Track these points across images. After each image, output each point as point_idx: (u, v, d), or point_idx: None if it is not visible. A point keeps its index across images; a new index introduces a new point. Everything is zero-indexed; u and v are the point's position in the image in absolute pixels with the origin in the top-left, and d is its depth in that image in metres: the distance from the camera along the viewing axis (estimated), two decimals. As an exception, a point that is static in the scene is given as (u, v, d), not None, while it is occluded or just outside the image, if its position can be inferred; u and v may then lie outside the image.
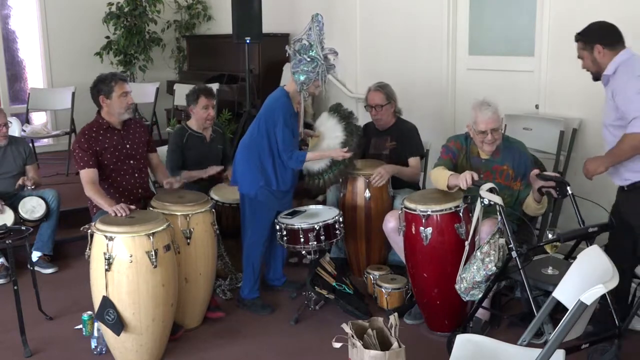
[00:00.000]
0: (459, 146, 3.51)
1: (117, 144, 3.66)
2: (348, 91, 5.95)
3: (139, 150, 3.77)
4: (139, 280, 2.99)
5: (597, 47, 3.00)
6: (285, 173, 3.64)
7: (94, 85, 3.65)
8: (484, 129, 3.33)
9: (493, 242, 2.93)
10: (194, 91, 4.25)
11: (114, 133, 3.67)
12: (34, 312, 3.63)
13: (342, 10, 5.95)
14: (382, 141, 4.26)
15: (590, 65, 3.06)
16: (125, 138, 3.71)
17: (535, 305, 2.69)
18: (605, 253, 2.19)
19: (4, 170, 4.29)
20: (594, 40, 3.01)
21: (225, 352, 3.29)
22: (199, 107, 4.19)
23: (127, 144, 3.71)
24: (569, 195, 3.01)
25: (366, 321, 2.87)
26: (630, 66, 2.93)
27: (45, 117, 7.11)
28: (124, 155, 3.68)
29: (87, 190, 3.50)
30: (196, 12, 7.64)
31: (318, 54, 3.51)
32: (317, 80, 3.56)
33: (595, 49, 3.00)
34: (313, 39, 3.51)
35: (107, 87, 3.60)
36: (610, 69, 2.98)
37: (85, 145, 3.56)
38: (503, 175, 3.40)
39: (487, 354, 2.23)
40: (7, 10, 6.92)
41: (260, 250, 3.74)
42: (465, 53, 4.98)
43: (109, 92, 3.60)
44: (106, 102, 3.62)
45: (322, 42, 3.54)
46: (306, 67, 3.51)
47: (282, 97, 3.62)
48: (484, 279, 2.93)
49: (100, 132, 3.63)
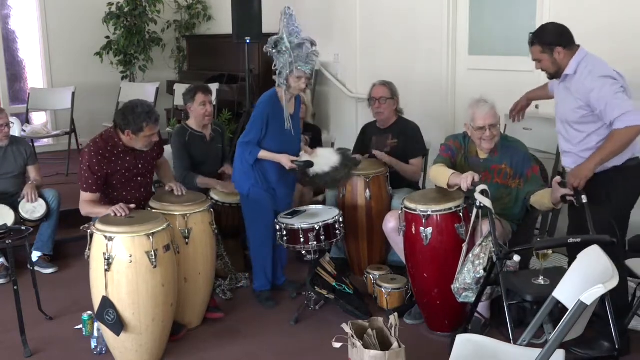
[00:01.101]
0: (457, 145, 3.51)
1: (129, 166, 3.50)
2: (348, 91, 5.95)
3: (149, 167, 3.65)
4: (139, 280, 2.99)
5: (557, 49, 3.06)
6: (271, 169, 3.67)
7: (123, 114, 3.36)
8: (482, 124, 3.33)
9: (485, 245, 2.93)
10: (191, 89, 4.24)
11: (128, 154, 3.48)
12: (34, 312, 3.63)
13: (342, 10, 5.95)
14: (383, 139, 4.26)
15: (550, 66, 3.12)
16: (139, 158, 3.54)
17: (508, 312, 2.68)
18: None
19: (5, 171, 4.30)
20: (554, 42, 3.07)
21: (225, 352, 3.29)
22: (197, 103, 4.18)
23: (139, 163, 3.56)
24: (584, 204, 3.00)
25: (366, 321, 2.87)
26: (590, 65, 3.02)
27: (45, 117, 7.11)
28: (134, 174, 3.56)
29: (83, 209, 3.43)
30: (196, 12, 7.64)
31: (286, 46, 3.47)
32: (293, 74, 3.50)
33: (555, 51, 3.07)
34: (282, 32, 3.48)
35: (136, 127, 3.34)
36: (571, 68, 3.06)
37: (96, 167, 3.37)
38: (501, 174, 3.40)
39: (487, 354, 2.23)
40: (7, 10, 6.92)
41: (268, 248, 3.78)
42: (465, 53, 4.98)
43: (137, 130, 3.35)
44: (131, 137, 3.38)
45: (293, 33, 3.47)
46: (278, 62, 3.51)
47: (268, 95, 3.65)
48: (474, 282, 2.93)
49: (115, 152, 3.43)
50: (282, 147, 3.64)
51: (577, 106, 3.04)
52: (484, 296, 2.99)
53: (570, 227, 3.20)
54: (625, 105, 2.89)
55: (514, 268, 2.96)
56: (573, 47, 3.08)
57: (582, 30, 4.04)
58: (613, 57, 3.88)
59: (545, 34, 3.11)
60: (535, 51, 3.13)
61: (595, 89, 2.95)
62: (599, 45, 3.95)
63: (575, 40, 3.11)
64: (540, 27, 3.18)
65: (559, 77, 3.15)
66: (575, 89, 3.04)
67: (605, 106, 2.92)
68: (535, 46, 3.12)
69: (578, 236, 2.66)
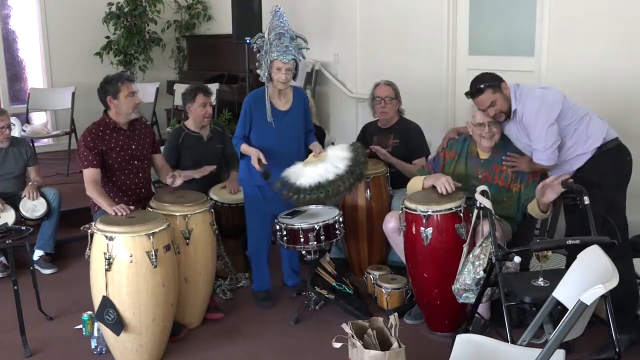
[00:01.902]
0: (451, 155, 3.54)
1: (123, 145, 3.64)
2: (348, 91, 5.95)
3: (144, 151, 3.75)
4: (139, 280, 2.99)
5: (503, 84, 3.22)
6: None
7: (100, 86, 3.62)
8: (481, 120, 3.34)
9: (485, 246, 2.92)
10: (191, 89, 4.25)
11: (120, 133, 3.65)
12: (34, 312, 3.63)
13: (342, 10, 5.95)
14: (385, 139, 4.25)
15: (504, 104, 3.22)
16: (131, 139, 3.69)
17: (507, 313, 2.68)
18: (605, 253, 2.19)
19: (5, 171, 4.30)
20: (499, 80, 3.22)
21: (225, 352, 3.29)
22: (197, 104, 4.19)
23: (132, 144, 3.69)
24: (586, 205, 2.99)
25: (366, 321, 2.87)
26: (522, 88, 3.22)
27: (45, 117, 7.11)
28: (129, 155, 3.67)
29: (89, 189, 3.50)
30: (196, 12, 7.65)
31: (265, 39, 3.49)
32: (271, 65, 3.48)
33: (502, 87, 3.21)
34: (266, 29, 3.51)
35: (113, 88, 3.56)
36: (513, 100, 3.21)
37: (92, 144, 3.54)
38: (502, 176, 3.40)
39: (487, 354, 2.23)
40: (7, 10, 6.92)
41: (264, 248, 3.79)
42: (465, 53, 4.98)
43: (115, 92, 3.56)
44: (114, 103, 3.58)
45: (275, 28, 3.48)
46: (260, 57, 3.54)
47: (254, 91, 3.72)
48: (474, 283, 2.93)
49: (107, 131, 3.61)
50: (265, 142, 3.60)
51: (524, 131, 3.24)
52: (484, 297, 2.99)
53: (568, 230, 3.21)
54: None
55: (514, 269, 2.96)
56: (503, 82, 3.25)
57: (582, 30, 4.06)
58: (613, 57, 3.90)
59: (487, 79, 3.23)
60: (486, 99, 3.21)
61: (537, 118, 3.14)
62: (599, 46, 3.97)
63: None
64: (475, 78, 3.28)
65: (510, 114, 3.24)
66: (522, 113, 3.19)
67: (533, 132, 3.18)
68: (485, 93, 3.20)
69: (577, 237, 2.63)
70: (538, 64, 4.36)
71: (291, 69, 3.51)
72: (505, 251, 2.83)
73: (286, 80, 3.51)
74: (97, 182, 3.52)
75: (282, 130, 3.63)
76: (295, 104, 3.71)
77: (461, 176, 3.45)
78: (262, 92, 3.63)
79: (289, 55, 3.47)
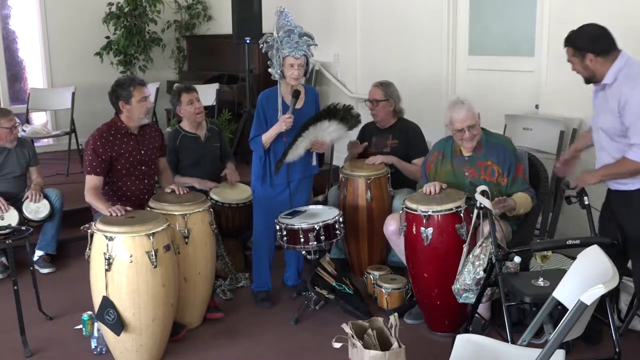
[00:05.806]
0: (434, 157, 3.55)
1: (132, 150, 3.60)
2: (348, 91, 5.96)
3: (152, 156, 3.72)
4: (139, 280, 2.99)
5: (588, 55, 2.86)
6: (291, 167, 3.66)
7: (112, 90, 3.57)
8: (460, 127, 3.35)
9: (485, 246, 2.93)
10: (173, 93, 4.25)
11: (131, 138, 3.60)
12: (34, 312, 3.63)
13: (342, 10, 5.96)
14: (383, 139, 4.25)
15: (582, 70, 2.94)
16: (141, 144, 3.65)
17: (507, 313, 2.69)
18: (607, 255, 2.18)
19: (7, 171, 4.30)
20: (585, 49, 2.87)
21: (225, 352, 3.29)
22: (184, 104, 4.18)
23: (142, 149, 3.65)
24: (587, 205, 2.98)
25: (366, 321, 2.87)
26: (632, 72, 2.82)
27: (45, 117, 7.10)
28: (137, 161, 3.63)
29: (88, 195, 3.47)
30: (196, 12, 7.65)
31: (274, 38, 3.49)
32: (284, 62, 3.48)
33: (586, 58, 2.87)
34: (274, 28, 3.52)
35: (126, 92, 3.50)
36: (609, 78, 2.85)
37: (100, 149, 3.48)
38: (488, 171, 3.39)
39: (487, 354, 2.23)
40: (7, 10, 6.91)
41: (265, 249, 3.79)
42: (465, 53, 4.98)
43: (128, 97, 3.50)
44: (126, 108, 3.53)
45: (283, 26, 3.48)
46: (270, 55, 3.53)
47: (266, 90, 3.68)
48: (474, 283, 2.93)
49: (118, 135, 3.56)
50: (279, 139, 3.61)
51: (613, 115, 2.85)
52: (485, 297, 2.99)
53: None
54: None
55: (514, 269, 2.96)
56: (610, 53, 2.85)
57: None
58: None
59: (578, 38, 2.91)
60: (568, 53, 2.96)
61: (631, 101, 2.75)
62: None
63: (616, 44, 2.88)
64: (577, 29, 2.93)
65: (593, 82, 2.96)
66: (620, 99, 2.80)
67: (633, 124, 2.75)
68: (567, 47, 2.95)
69: (577, 238, 2.63)
70: (538, 64, 4.36)
71: (303, 65, 3.53)
72: (505, 251, 2.83)
73: (299, 76, 3.53)
74: (98, 189, 3.49)
75: (295, 128, 3.62)
76: (308, 100, 3.73)
77: (449, 175, 3.46)
78: (274, 91, 3.62)
79: (300, 50, 3.49)
